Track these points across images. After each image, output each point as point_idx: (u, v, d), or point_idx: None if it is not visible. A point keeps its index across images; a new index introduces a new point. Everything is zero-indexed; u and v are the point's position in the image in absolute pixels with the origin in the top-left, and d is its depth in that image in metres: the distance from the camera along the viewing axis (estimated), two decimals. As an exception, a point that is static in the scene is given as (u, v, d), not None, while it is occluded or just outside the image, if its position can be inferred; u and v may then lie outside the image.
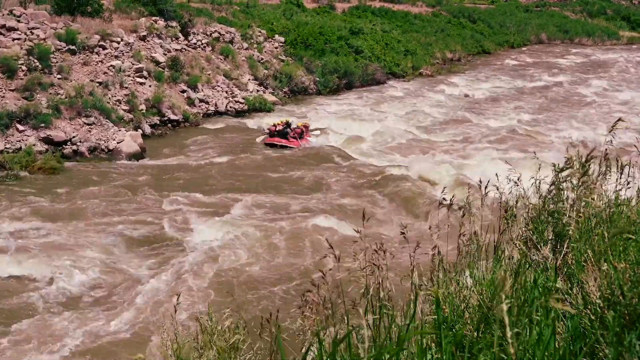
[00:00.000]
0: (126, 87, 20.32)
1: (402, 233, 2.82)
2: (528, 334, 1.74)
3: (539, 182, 3.30)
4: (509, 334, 1.40)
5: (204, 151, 18.72)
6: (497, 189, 3.39)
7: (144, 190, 14.82)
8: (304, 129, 20.10)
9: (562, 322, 1.92)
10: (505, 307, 1.41)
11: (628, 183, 3.39)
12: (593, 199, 2.81)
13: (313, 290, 2.51)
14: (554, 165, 2.89)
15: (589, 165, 2.75)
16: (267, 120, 21.84)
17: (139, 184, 15.33)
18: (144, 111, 20.12)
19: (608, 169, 3.33)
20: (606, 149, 3.32)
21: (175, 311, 3.31)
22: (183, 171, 16.67)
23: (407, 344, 1.93)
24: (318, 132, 21.12)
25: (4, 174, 15.10)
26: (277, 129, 19.55)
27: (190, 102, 22.34)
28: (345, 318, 2.19)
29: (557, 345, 1.68)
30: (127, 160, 17.32)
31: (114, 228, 12.54)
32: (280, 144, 19.12)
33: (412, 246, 2.77)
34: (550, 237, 2.82)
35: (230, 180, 16.12)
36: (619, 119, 3.26)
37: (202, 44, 25.63)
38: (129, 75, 20.84)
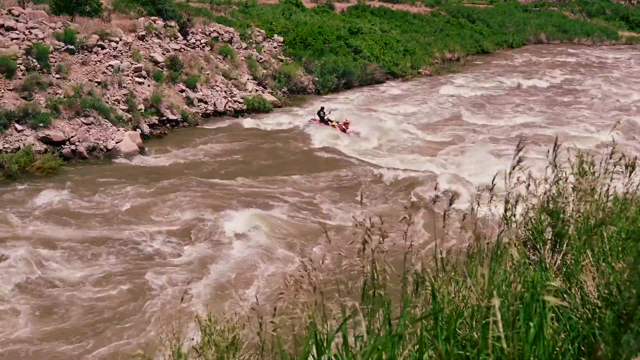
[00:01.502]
0: (125, 87, 20.29)
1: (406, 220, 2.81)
2: (526, 332, 1.74)
3: (539, 182, 3.30)
4: (501, 329, 1.40)
5: (203, 150, 18.70)
6: (497, 187, 3.39)
7: (145, 188, 14.82)
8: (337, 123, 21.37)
9: (562, 323, 1.92)
10: (497, 303, 1.41)
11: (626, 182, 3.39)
12: (592, 199, 2.82)
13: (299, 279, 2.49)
14: (555, 165, 2.90)
15: (588, 165, 2.76)
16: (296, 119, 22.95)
17: (140, 183, 15.31)
18: (143, 111, 20.09)
19: (608, 168, 3.34)
20: (611, 151, 3.32)
21: (182, 299, 3.32)
22: (183, 170, 16.64)
23: (403, 338, 1.93)
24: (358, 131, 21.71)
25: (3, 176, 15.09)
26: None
27: (189, 102, 22.32)
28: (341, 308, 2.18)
29: (545, 342, 1.68)
30: (125, 160, 17.30)
31: (134, 227, 12.65)
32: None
33: (409, 244, 2.76)
34: (549, 237, 2.83)
35: (233, 177, 16.11)
36: (618, 121, 3.27)
37: (201, 43, 25.62)
38: (127, 75, 20.82)
